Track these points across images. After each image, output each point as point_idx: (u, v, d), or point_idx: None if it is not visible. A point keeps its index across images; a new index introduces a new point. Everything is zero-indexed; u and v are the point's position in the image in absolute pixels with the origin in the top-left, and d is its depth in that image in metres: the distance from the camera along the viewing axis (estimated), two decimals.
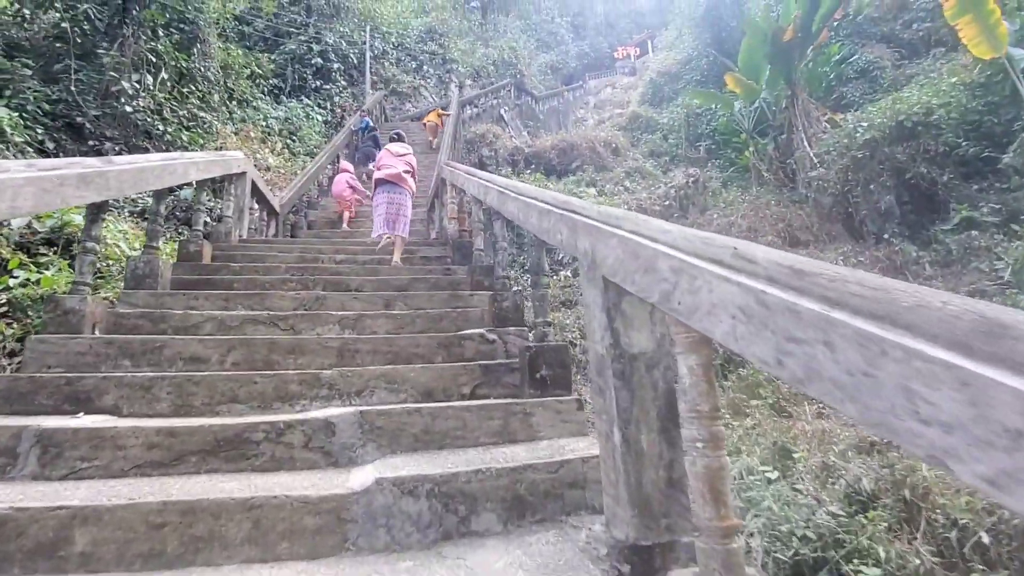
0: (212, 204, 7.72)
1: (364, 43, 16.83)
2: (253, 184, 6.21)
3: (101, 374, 2.55)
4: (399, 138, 6.78)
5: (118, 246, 5.62)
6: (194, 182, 4.64)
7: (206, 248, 4.70)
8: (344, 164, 9.75)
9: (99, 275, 4.86)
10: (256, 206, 6.76)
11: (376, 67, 17.66)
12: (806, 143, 10.31)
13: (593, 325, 1.79)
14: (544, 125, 19.92)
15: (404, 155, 6.05)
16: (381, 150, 6.69)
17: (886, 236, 7.33)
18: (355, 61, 16.93)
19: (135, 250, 5.58)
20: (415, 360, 3.08)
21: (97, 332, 3.08)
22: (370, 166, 9.18)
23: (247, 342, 2.95)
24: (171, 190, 3.98)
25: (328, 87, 16.10)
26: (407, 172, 5.91)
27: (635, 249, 1.50)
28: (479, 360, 3.13)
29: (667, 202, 9.62)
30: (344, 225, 8.66)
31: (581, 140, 15.14)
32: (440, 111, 14.43)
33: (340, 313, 3.51)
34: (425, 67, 19.68)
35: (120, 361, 2.82)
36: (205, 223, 4.92)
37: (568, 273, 7.74)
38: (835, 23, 11.47)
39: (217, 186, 6.33)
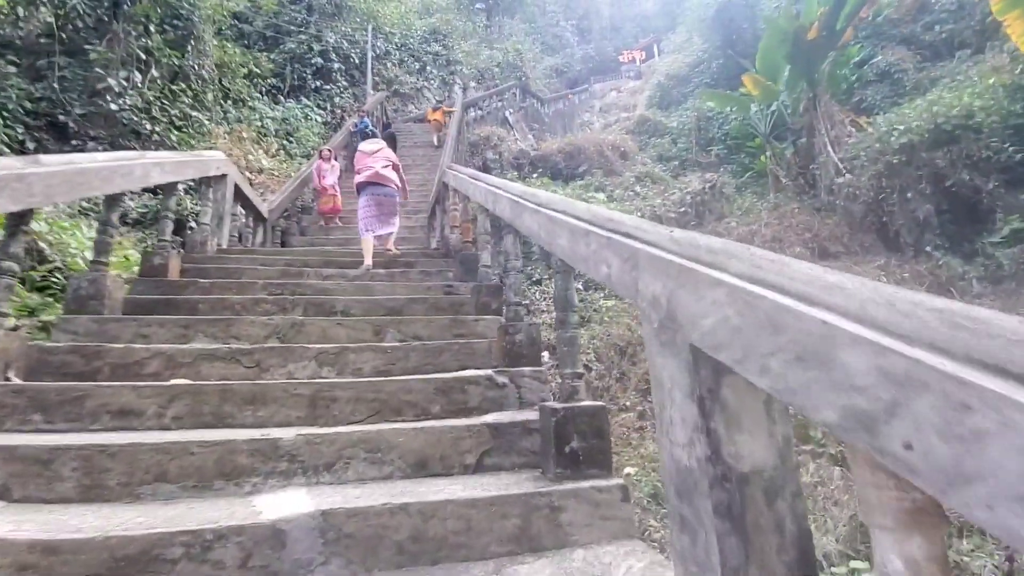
0: (199, 210, 7.12)
1: (366, 43, 16.24)
2: (236, 188, 5.59)
3: None
4: (371, 135, 6.20)
5: (84, 257, 5.00)
6: (155, 186, 4.03)
7: (173, 262, 4.07)
8: (324, 152, 8.71)
9: (51, 293, 4.24)
10: (241, 211, 6.13)
11: (378, 67, 17.08)
12: (829, 147, 9.66)
13: (671, 415, 1.14)
14: (549, 128, 19.30)
15: (378, 151, 5.53)
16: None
17: (928, 249, 6.67)
18: (357, 61, 16.34)
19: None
20: (406, 410, 2.44)
21: (12, 374, 2.45)
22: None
23: (195, 391, 2.31)
24: (121, 196, 3.34)
25: (328, 87, 15.51)
26: (386, 167, 5.41)
27: (772, 315, 0.86)
28: (486, 411, 2.49)
29: (683, 209, 8.98)
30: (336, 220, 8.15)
31: (589, 143, 14.51)
32: (445, 107, 13.93)
33: (318, 346, 2.87)
34: (428, 68, 19.09)
35: (29, 416, 2.19)
36: (186, 231, 4.30)
37: (579, 286, 7.08)
38: (859, 22, 10.81)
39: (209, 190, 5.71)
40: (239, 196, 5.81)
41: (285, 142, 12.23)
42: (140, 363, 2.64)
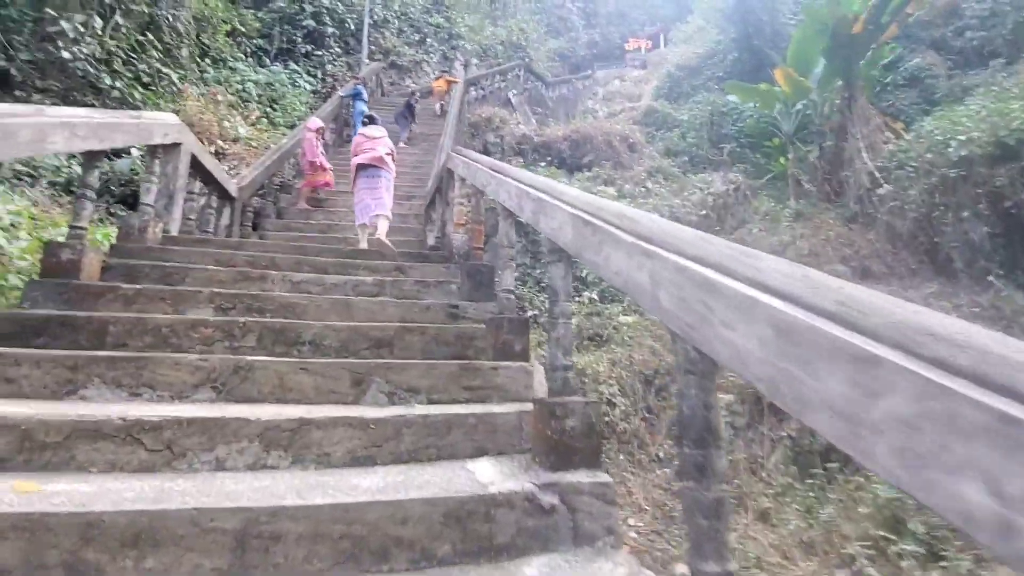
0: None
1: (363, 7, 14.87)
2: (194, 159, 4.49)
3: None
4: (372, 121, 6.00)
5: None
6: (78, 154, 2.95)
7: (88, 257, 3.00)
8: (313, 121, 7.73)
9: None
10: (202, 189, 5.04)
11: (375, 36, 15.74)
12: (864, 153, 8.77)
13: None
14: (552, 113, 18.19)
15: (380, 138, 5.49)
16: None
17: (989, 277, 5.83)
18: (352, 28, 14.98)
19: (26, 241, 3.87)
20: (395, 554, 1.48)
21: None
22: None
23: (35, 524, 1.31)
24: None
25: (320, 53, 14.17)
26: (388, 154, 5.39)
27: None
28: (523, 551, 1.55)
29: (703, 211, 8.05)
30: (301, 203, 7.19)
31: (596, 132, 13.46)
32: (448, 78, 13.03)
33: (267, 415, 1.88)
34: (429, 40, 17.75)
35: None
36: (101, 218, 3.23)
37: (593, 295, 6.13)
38: (904, 19, 9.85)
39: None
40: (199, 170, 4.71)
41: (268, 109, 10.98)
42: None
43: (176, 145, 4.15)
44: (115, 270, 3.22)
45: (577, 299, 6.06)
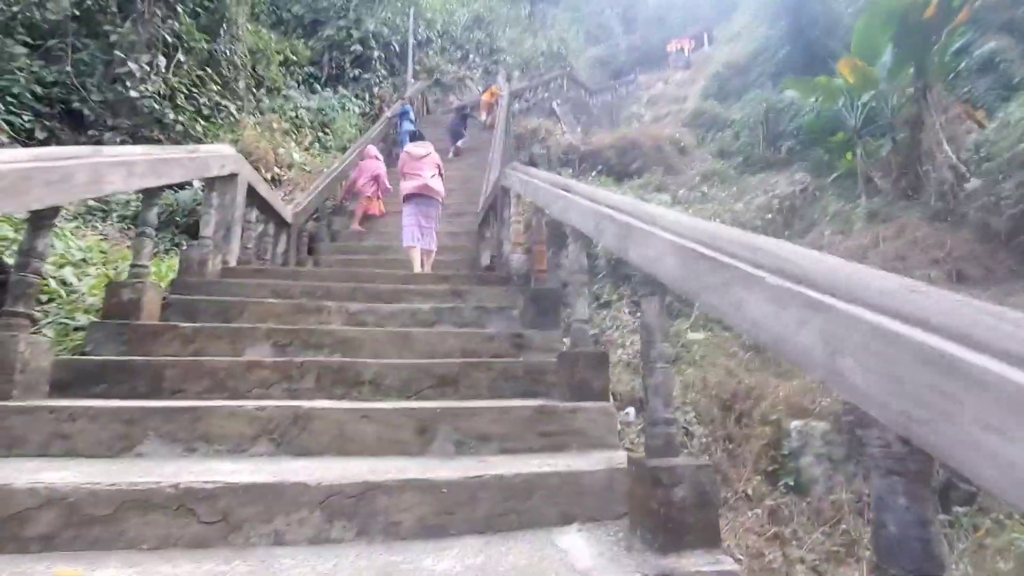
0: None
1: (406, 30, 15.05)
2: (250, 189, 4.46)
3: None
4: (418, 136, 5.71)
5: (59, 278, 3.96)
6: (134, 192, 2.90)
7: (148, 296, 2.93)
8: (370, 150, 7.90)
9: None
10: (259, 217, 5.03)
11: (419, 56, 15.89)
12: (945, 145, 8.00)
13: None
14: (597, 120, 17.83)
15: (427, 155, 5.29)
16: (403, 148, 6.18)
17: None
18: (396, 49, 15.18)
19: (95, 278, 3.91)
20: None
21: None
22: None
23: None
24: (53, 212, 2.20)
25: (367, 76, 14.39)
26: (435, 176, 5.21)
27: None
28: None
29: (769, 215, 7.50)
30: (355, 226, 7.21)
31: (644, 137, 13.04)
32: (494, 89, 13.13)
33: (329, 477, 1.66)
34: (471, 56, 17.80)
35: None
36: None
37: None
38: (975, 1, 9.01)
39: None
40: (255, 199, 4.69)
41: (320, 134, 11.18)
42: (21, 518, 1.49)
43: (232, 176, 4.11)
44: (175, 307, 3.15)
45: (638, 314, 5.68)
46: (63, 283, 3.91)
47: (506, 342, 2.99)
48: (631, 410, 4.12)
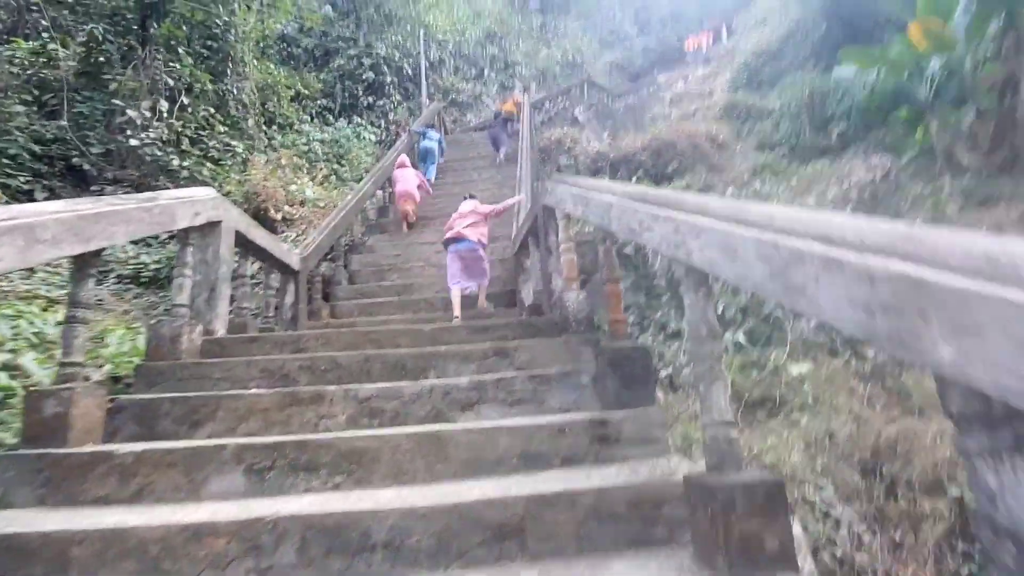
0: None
1: (418, 53, 14.44)
2: (241, 237, 3.64)
3: None
4: (470, 197, 5.82)
5: (16, 368, 3.22)
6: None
7: (81, 407, 2.07)
8: (402, 159, 8.18)
9: None
10: (259, 267, 4.20)
11: (433, 77, 15.26)
12: None
13: None
14: (622, 124, 16.81)
15: (469, 212, 5.34)
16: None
17: None
18: (409, 72, 14.56)
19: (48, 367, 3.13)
20: None
21: None
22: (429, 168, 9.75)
23: None
24: None
25: (381, 103, 13.79)
26: (469, 226, 5.19)
27: None
28: None
29: (849, 207, 6.33)
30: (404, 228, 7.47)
31: (679, 136, 11.95)
32: (516, 97, 12.32)
33: None
34: (486, 72, 17.09)
35: None
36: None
37: (739, 337, 4.63)
38: None
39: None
40: (248, 248, 3.87)
41: (336, 166, 10.52)
42: None
43: (213, 224, 3.29)
44: (126, 413, 2.29)
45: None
46: (21, 375, 3.16)
47: (583, 435, 2.01)
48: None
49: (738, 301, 4.72)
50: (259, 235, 3.99)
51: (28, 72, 7.68)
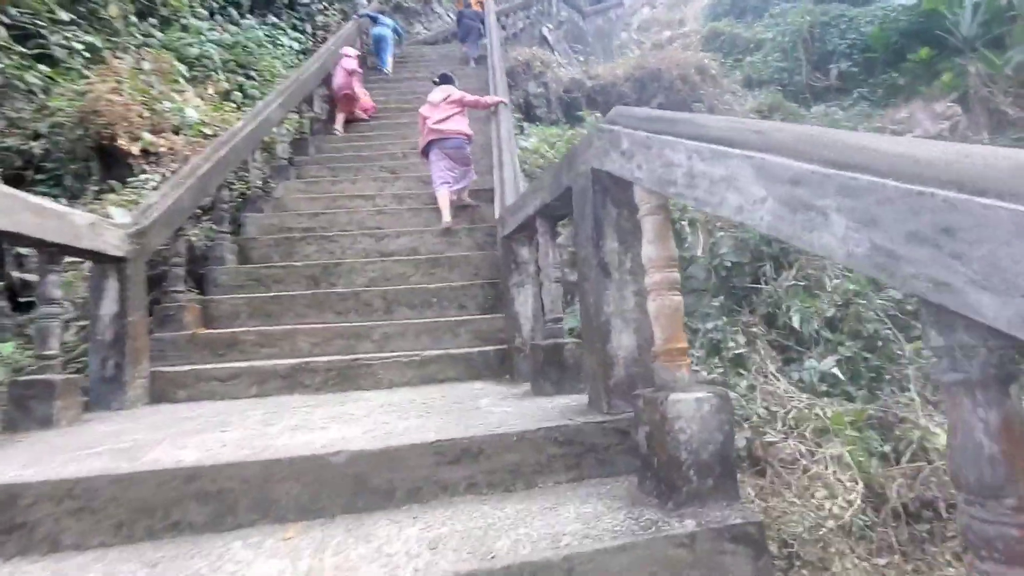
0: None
1: None
2: None
3: None
4: (442, 80, 4.89)
5: None
6: None
7: None
8: (345, 50, 7.48)
9: None
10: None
11: None
12: None
13: None
14: (592, 50, 14.46)
15: (443, 102, 4.58)
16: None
17: None
18: None
19: None
20: None
21: None
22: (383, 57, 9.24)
23: None
24: None
25: (307, 3, 10.74)
26: (446, 118, 4.50)
27: None
28: None
29: None
30: (337, 126, 6.94)
31: (667, 65, 9.96)
32: None
33: None
34: None
35: None
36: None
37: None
38: None
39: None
40: None
41: (243, 79, 7.83)
42: None
43: None
44: None
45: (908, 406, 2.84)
46: None
47: None
48: None
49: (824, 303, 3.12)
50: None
51: None
